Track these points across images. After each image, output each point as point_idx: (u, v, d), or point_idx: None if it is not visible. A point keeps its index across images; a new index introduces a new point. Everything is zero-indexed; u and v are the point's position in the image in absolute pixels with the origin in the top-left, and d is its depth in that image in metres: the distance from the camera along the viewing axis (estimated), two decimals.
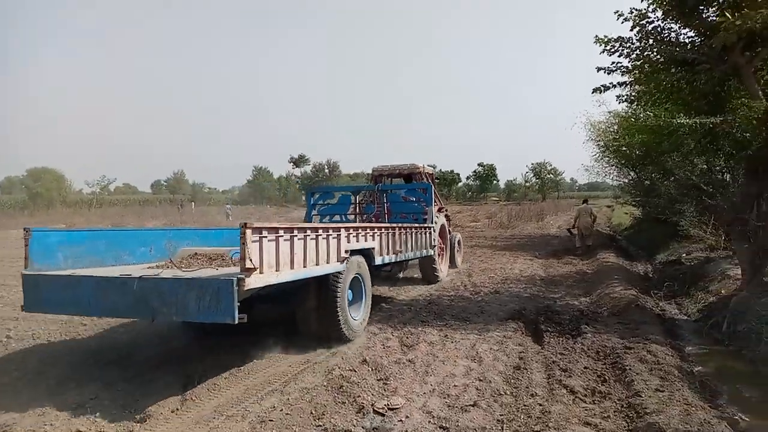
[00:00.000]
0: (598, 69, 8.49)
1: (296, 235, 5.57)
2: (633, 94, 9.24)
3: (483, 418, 4.47)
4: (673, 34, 8.20)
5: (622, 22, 8.10)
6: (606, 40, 8.23)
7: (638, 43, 8.16)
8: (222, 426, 4.37)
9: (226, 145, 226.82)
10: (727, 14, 6.65)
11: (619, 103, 11.96)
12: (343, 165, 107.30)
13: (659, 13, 7.99)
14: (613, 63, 8.37)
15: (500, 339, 6.89)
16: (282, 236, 5.31)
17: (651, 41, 8.08)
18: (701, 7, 7.65)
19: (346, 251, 6.66)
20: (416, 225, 10.28)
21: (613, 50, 8.27)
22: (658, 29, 8.13)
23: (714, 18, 7.29)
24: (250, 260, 4.77)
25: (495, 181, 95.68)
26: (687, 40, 8.16)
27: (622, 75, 8.48)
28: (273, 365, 5.96)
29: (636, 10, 8.06)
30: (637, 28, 8.10)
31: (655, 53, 8.14)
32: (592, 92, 8.68)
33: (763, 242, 8.49)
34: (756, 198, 8.83)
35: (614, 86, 8.54)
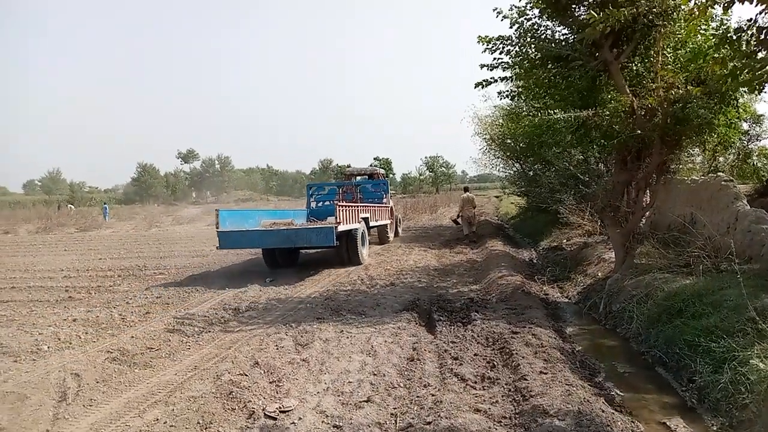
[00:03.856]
0: (482, 66, 8.77)
1: (349, 208, 12.94)
2: (514, 90, 9.66)
3: (377, 414, 4.44)
4: (548, 32, 8.62)
5: (501, 20, 8.41)
6: (488, 39, 8.50)
7: (517, 41, 8.51)
8: None
9: (107, 140, 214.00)
10: (594, 13, 7.08)
11: (501, 99, 12.63)
12: (235, 160, 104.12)
13: (536, 11, 8.36)
14: (495, 59, 8.66)
15: (395, 331, 6.92)
16: (346, 208, 12.69)
17: (528, 38, 8.44)
18: (573, 6, 8.09)
19: (360, 218, 13.77)
20: (381, 205, 17.66)
21: (494, 48, 8.56)
22: (535, 27, 8.51)
23: (585, 16, 7.72)
24: (339, 218, 11.75)
25: (391, 175, 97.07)
26: (561, 38, 8.61)
27: (504, 71, 8.81)
28: (157, 374, 5.61)
29: (516, 7, 8.38)
30: (516, 26, 8.43)
31: (533, 50, 8.51)
32: (475, 86, 8.96)
33: (632, 227, 9.18)
34: (626, 185, 9.53)
35: (496, 81, 8.86)
